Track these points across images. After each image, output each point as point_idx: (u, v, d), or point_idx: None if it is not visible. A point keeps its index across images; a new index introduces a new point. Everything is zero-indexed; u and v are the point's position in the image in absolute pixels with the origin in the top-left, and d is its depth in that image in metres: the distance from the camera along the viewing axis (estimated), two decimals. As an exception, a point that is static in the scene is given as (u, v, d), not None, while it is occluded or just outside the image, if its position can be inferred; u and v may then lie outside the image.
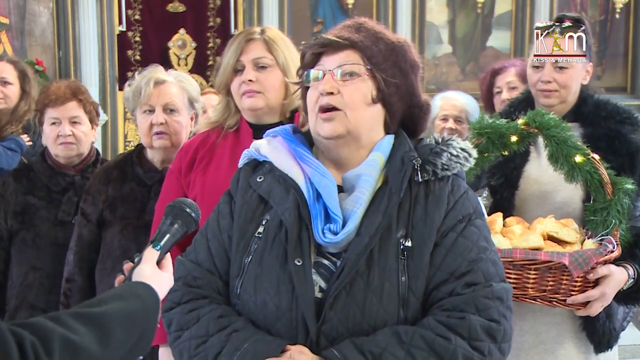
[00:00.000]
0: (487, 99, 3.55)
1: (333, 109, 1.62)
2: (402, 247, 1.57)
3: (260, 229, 1.63)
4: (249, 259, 1.62)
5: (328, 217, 1.60)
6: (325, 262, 1.59)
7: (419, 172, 1.62)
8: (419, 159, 1.62)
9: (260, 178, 1.69)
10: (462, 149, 1.69)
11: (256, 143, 1.76)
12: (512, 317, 1.60)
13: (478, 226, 1.64)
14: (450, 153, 1.66)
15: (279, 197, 1.64)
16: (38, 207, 2.76)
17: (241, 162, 1.78)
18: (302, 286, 1.54)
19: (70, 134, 2.75)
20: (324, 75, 1.63)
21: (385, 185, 1.62)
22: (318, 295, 1.56)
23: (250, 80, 2.21)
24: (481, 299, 1.55)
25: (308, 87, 1.68)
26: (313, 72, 1.66)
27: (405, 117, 1.72)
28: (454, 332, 1.52)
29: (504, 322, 1.56)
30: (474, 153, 1.72)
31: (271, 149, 1.72)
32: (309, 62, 1.69)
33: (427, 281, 1.57)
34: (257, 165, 1.73)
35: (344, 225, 1.58)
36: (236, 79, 2.25)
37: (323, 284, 1.57)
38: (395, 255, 1.56)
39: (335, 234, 1.57)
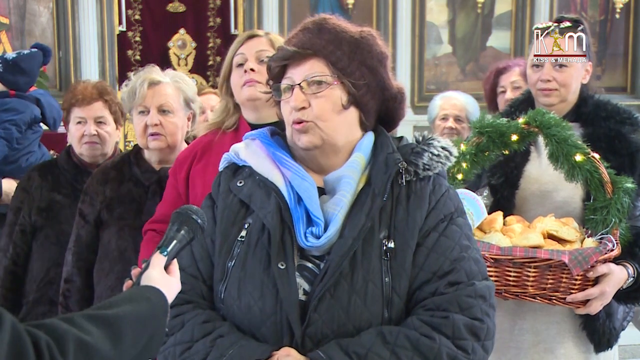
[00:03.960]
0: (490, 98, 3.55)
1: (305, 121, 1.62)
2: (385, 248, 1.57)
3: (243, 233, 1.63)
4: (232, 263, 1.62)
5: (310, 220, 1.60)
6: (309, 265, 1.59)
7: (403, 175, 1.62)
8: (404, 162, 1.62)
9: (240, 182, 1.69)
10: (443, 148, 1.68)
11: (235, 147, 1.76)
12: (495, 315, 1.61)
13: (460, 225, 1.64)
14: (431, 153, 1.66)
15: (260, 201, 1.63)
16: (63, 205, 2.78)
17: (221, 165, 1.77)
18: (286, 289, 1.54)
19: (95, 134, 2.79)
20: (293, 89, 1.63)
21: (368, 186, 1.62)
22: (302, 298, 1.56)
23: (252, 70, 2.21)
24: (464, 298, 1.55)
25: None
26: (282, 87, 1.66)
27: (381, 111, 1.71)
28: (438, 331, 1.52)
29: (487, 321, 1.57)
30: (455, 151, 1.71)
31: (250, 153, 1.71)
32: (277, 74, 1.68)
33: (410, 281, 1.57)
34: (237, 169, 1.73)
35: (326, 228, 1.58)
36: (237, 72, 2.25)
37: (307, 287, 1.57)
38: (379, 256, 1.56)
39: (318, 237, 1.57)
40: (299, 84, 1.62)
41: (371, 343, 1.50)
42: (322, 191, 1.65)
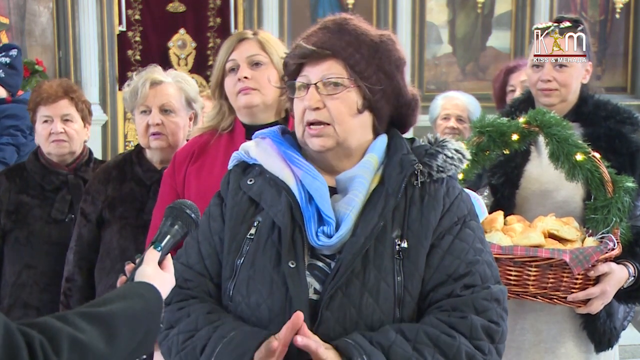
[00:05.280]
0: (500, 97, 3.55)
1: (320, 123, 1.61)
2: (397, 247, 1.56)
3: (252, 231, 1.62)
4: (241, 261, 1.61)
5: (321, 219, 1.59)
6: (320, 264, 1.58)
7: (418, 176, 1.61)
8: (419, 164, 1.62)
9: (250, 181, 1.68)
10: (456, 150, 1.68)
11: (245, 145, 1.75)
12: (507, 319, 1.61)
13: (473, 228, 1.64)
14: (445, 155, 1.65)
15: (271, 199, 1.63)
16: (31, 206, 2.77)
17: (231, 164, 1.77)
18: (296, 288, 1.53)
19: (62, 132, 2.76)
20: (308, 88, 1.62)
21: (381, 186, 1.62)
22: (313, 297, 1.55)
23: (245, 77, 2.21)
24: (480, 301, 1.55)
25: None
26: (297, 84, 1.65)
27: (394, 116, 1.71)
28: (456, 330, 1.52)
29: (502, 324, 1.57)
30: (468, 155, 1.71)
31: (260, 151, 1.71)
32: (292, 71, 1.67)
33: (423, 282, 1.57)
34: (247, 167, 1.72)
35: (337, 228, 1.57)
36: (230, 78, 2.25)
37: (317, 286, 1.56)
38: (391, 255, 1.56)
39: (329, 236, 1.57)
40: (314, 84, 1.61)
41: (393, 338, 1.50)
42: (333, 191, 1.64)
